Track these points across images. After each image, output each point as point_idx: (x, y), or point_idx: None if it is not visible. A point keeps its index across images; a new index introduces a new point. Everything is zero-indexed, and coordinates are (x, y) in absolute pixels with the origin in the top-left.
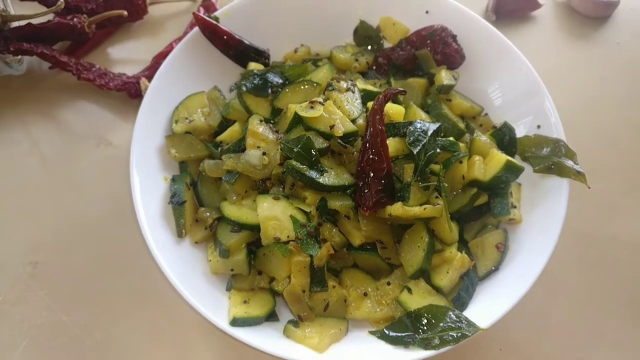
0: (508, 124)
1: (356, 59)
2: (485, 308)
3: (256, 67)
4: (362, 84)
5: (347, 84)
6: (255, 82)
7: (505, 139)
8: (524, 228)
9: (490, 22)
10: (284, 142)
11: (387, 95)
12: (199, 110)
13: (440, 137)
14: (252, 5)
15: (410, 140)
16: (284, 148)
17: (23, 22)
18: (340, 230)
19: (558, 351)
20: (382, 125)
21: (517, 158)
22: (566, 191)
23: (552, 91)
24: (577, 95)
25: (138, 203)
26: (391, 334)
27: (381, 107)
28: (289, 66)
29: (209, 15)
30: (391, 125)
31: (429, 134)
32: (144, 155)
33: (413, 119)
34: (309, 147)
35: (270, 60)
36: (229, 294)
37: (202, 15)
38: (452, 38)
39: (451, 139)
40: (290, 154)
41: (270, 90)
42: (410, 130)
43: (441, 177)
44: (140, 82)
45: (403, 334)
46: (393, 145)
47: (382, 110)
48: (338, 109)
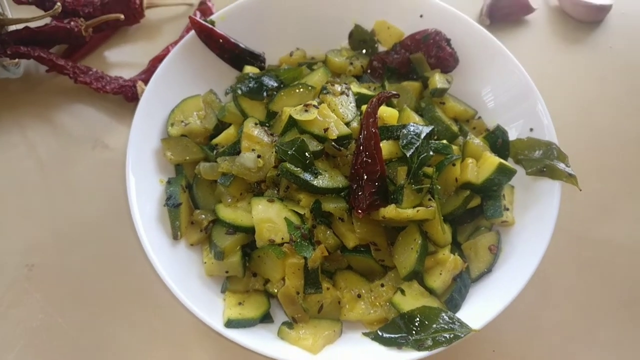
0: (501, 127)
1: (351, 63)
2: (478, 310)
3: (252, 70)
4: (356, 88)
5: (341, 87)
6: (251, 85)
7: (498, 142)
8: (516, 230)
9: (484, 26)
10: (279, 145)
11: (380, 99)
12: (195, 113)
13: (433, 140)
14: (248, 9)
15: (404, 143)
16: (278, 151)
17: (20, 26)
18: (334, 232)
19: (551, 352)
20: (376, 128)
21: (510, 161)
22: (558, 193)
23: (545, 94)
24: (569, 98)
25: (134, 205)
26: (384, 335)
27: (374, 111)
28: (284, 70)
29: (205, 19)
30: (385, 129)
31: (422, 137)
32: (140, 158)
33: (407, 122)
34: (303, 150)
35: (265, 64)
36: (224, 295)
37: (198, 19)
38: (446, 42)
39: (444, 141)
40: (285, 156)
41: (265, 94)
42: (404, 133)
43: (434, 179)
44: (137, 86)
45: (396, 336)
46: (386, 148)
47: (375, 114)
48: (332, 112)
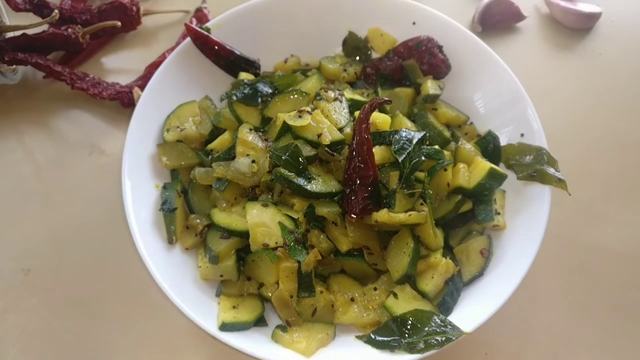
0: (492, 132)
1: (345, 69)
2: (470, 313)
3: (247, 77)
4: (349, 94)
5: (334, 93)
6: (246, 91)
7: (490, 147)
8: (507, 234)
9: (476, 33)
10: (273, 150)
11: (372, 105)
12: (190, 119)
13: (425, 146)
14: (243, 17)
15: (396, 149)
16: (272, 156)
17: (18, 33)
18: (328, 236)
19: (542, 355)
20: (368, 134)
21: (501, 166)
22: (548, 198)
23: (535, 100)
24: (559, 104)
25: (129, 210)
26: (377, 338)
27: (367, 116)
28: (278, 76)
29: (200, 26)
30: (377, 134)
31: (414, 143)
32: (136, 163)
33: (399, 128)
34: (297, 155)
35: (260, 70)
36: (219, 299)
37: (193, 26)
38: (438, 49)
39: (436, 147)
40: (279, 161)
41: (260, 100)
42: (396, 138)
43: (426, 184)
44: (133, 92)
45: (389, 339)
46: (379, 153)
47: (368, 119)
48: (325, 118)
